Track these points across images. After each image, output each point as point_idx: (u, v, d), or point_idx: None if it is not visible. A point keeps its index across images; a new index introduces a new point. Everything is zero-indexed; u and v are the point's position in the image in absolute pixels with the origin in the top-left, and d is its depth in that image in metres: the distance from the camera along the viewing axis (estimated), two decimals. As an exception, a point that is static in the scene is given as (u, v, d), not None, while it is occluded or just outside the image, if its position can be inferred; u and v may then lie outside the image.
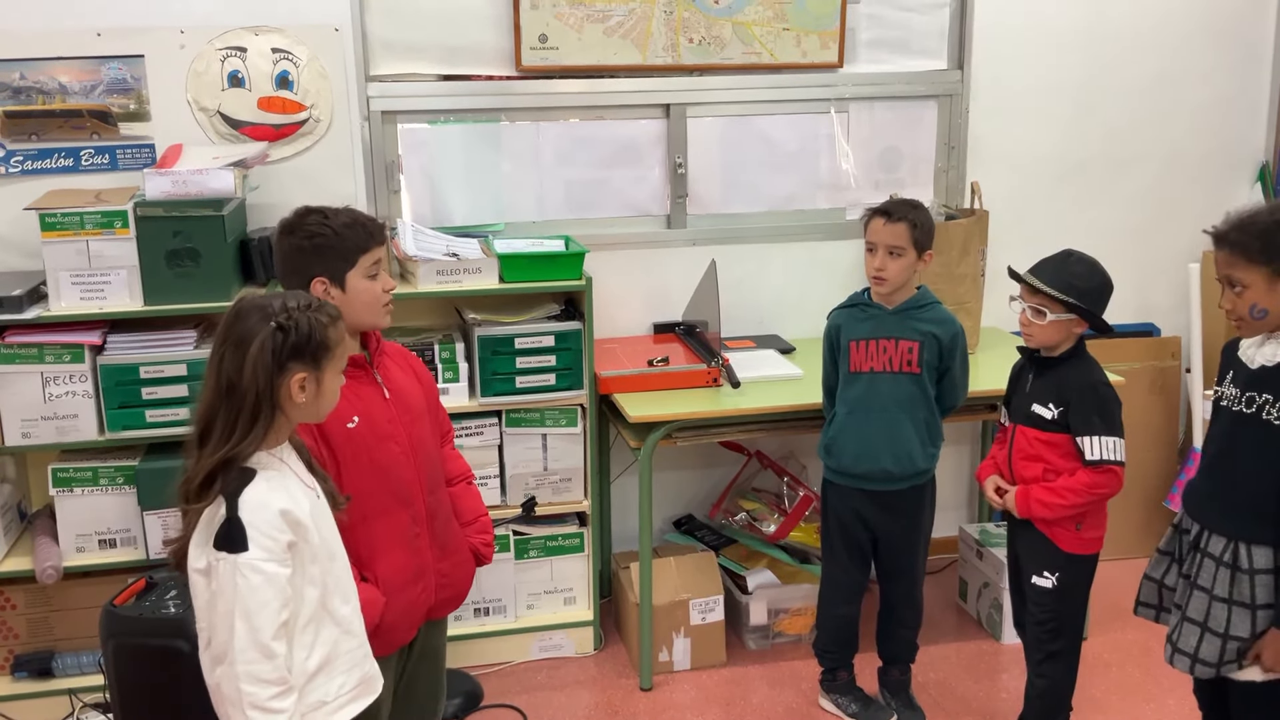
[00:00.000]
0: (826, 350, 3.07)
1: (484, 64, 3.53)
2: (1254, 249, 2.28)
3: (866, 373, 2.94)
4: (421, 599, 2.36)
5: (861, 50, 3.78)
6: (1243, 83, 4.08)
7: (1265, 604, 2.32)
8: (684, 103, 3.69)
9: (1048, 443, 2.76)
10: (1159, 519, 4.18)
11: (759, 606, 3.55)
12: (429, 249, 3.36)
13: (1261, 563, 2.32)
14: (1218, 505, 2.42)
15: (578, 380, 3.37)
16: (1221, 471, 2.43)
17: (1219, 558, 2.37)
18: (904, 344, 2.92)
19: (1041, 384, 2.79)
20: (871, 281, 2.92)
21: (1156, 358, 4.15)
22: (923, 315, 2.97)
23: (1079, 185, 4.03)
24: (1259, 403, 2.32)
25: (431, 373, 2.66)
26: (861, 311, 2.99)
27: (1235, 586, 2.34)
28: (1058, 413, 2.74)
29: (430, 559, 2.38)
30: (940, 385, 3.01)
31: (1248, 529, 2.34)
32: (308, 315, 1.88)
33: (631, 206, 3.77)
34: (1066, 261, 2.77)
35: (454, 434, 2.64)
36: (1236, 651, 2.36)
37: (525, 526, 3.48)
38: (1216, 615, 2.37)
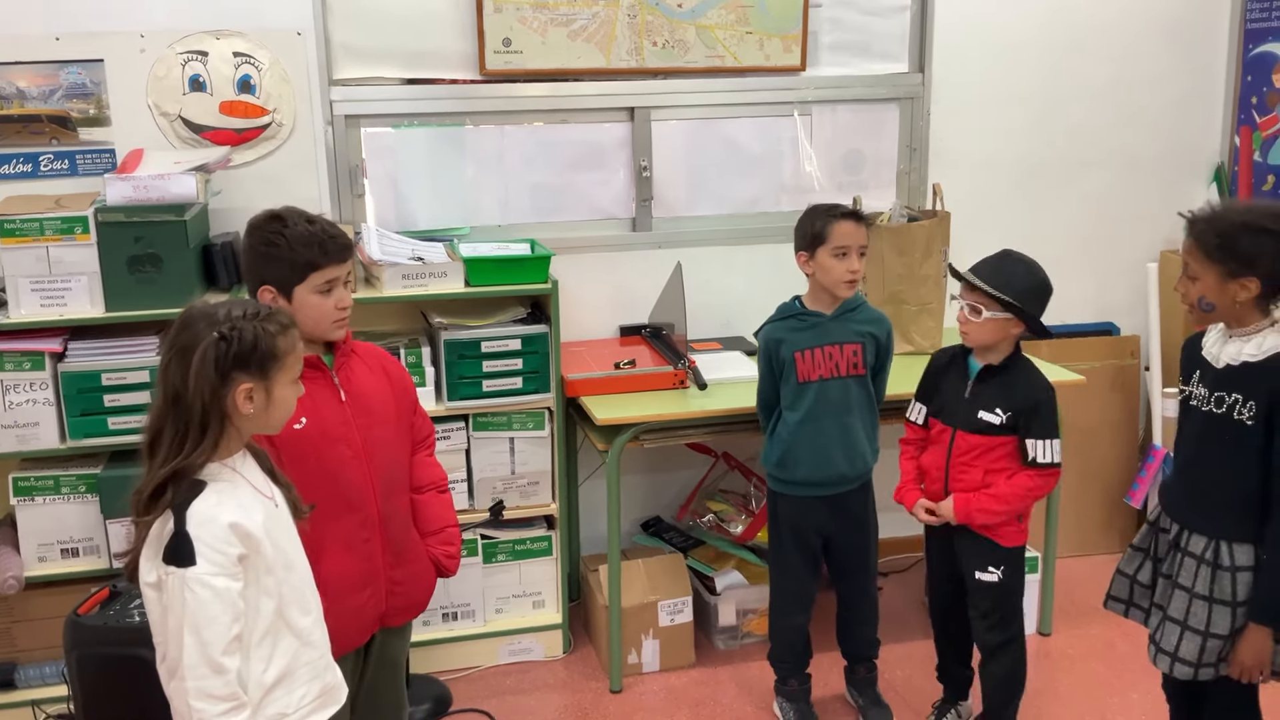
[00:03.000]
0: (765, 365, 3.02)
1: (448, 68, 3.53)
2: (1211, 246, 2.30)
3: (815, 381, 2.93)
4: (370, 605, 2.34)
5: (824, 53, 3.81)
6: (1198, 85, 4.15)
7: (1244, 601, 2.34)
8: (648, 106, 3.70)
9: (991, 447, 2.81)
10: (1120, 516, 4.25)
11: (727, 607, 3.57)
12: (394, 253, 3.35)
13: (1243, 560, 2.34)
14: (1197, 505, 2.43)
15: (544, 383, 3.37)
16: (1198, 471, 2.44)
17: (1200, 556, 2.38)
18: (849, 347, 2.94)
19: (987, 391, 2.82)
20: (844, 285, 2.89)
21: (1116, 356, 4.21)
22: (859, 317, 2.99)
23: (1039, 186, 4.08)
24: (1229, 402, 2.33)
25: (412, 376, 2.62)
26: (800, 321, 2.97)
27: (1216, 584, 2.36)
28: (1006, 418, 2.78)
29: (381, 565, 2.35)
30: (875, 383, 3.04)
31: (1228, 527, 2.35)
32: (254, 324, 1.85)
33: (596, 210, 3.77)
34: (1004, 261, 2.81)
35: (433, 440, 2.61)
36: (1216, 651, 2.37)
37: (493, 530, 3.48)
38: (1197, 613, 2.38)
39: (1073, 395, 3.57)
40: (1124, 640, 3.63)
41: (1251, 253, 2.24)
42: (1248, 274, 2.25)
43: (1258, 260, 2.24)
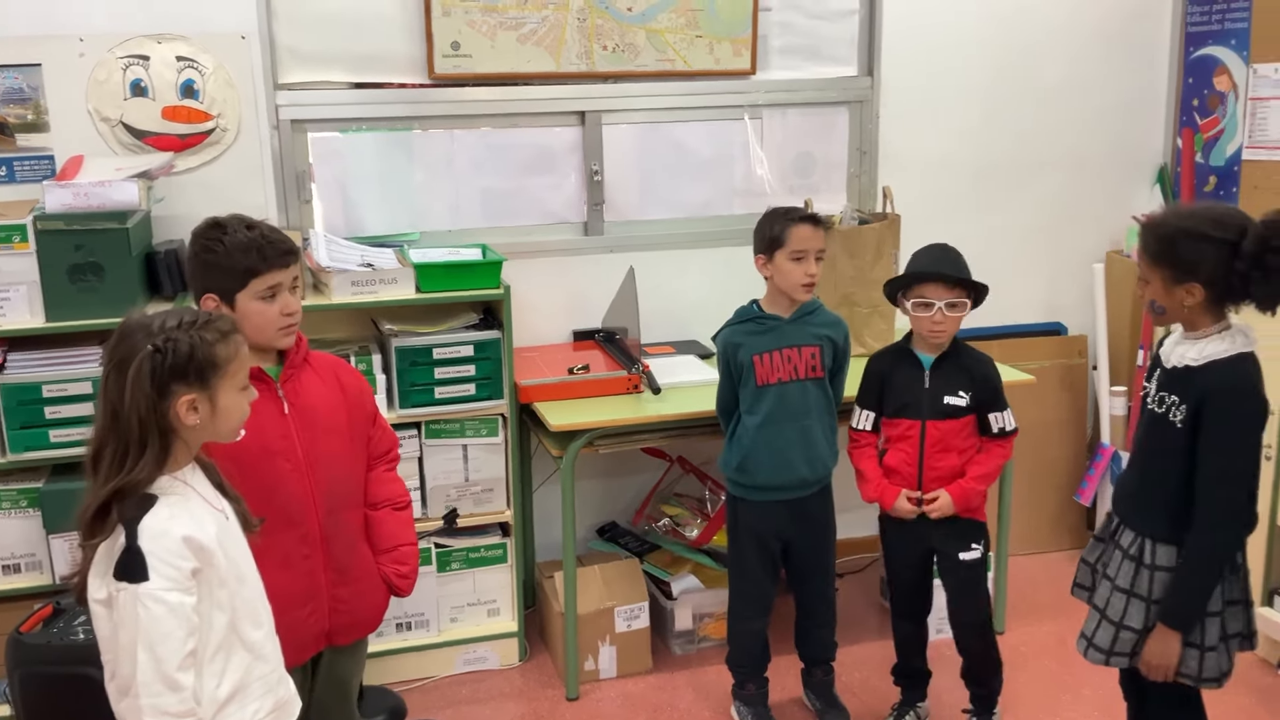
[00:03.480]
0: (724, 369, 3.01)
1: (396, 72, 3.49)
2: (1154, 251, 2.33)
3: (775, 384, 2.93)
4: (310, 623, 2.30)
5: (773, 57, 3.82)
6: (1141, 88, 4.21)
7: (1158, 600, 2.38)
8: (599, 110, 3.69)
9: (958, 430, 2.89)
10: (1070, 513, 4.30)
11: (684, 612, 3.56)
12: (343, 260, 3.31)
13: (1164, 560, 2.37)
14: (1132, 501, 2.48)
15: (498, 390, 3.35)
16: (1139, 469, 2.49)
17: (1126, 550, 2.44)
18: (806, 350, 2.95)
19: (944, 377, 2.89)
20: (802, 289, 2.90)
21: (1065, 356, 4.26)
22: (816, 320, 3.00)
23: (987, 188, 4.12)
24: (1168, 403, 2.36)
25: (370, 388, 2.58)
26: (758, 325, 2.98)
27: (1137, 580, 2.40)
28: (970, 397, 2.88)
29: (323, 583, 2.31)
30: (833, 385, 3.05)
31: (1155, 527, 2.39)
32: (190, 333, 1.81)
33: (548, 214, 3.75)
34: (949, 252, 2.87)
35: (396, 455, 2.56)
36: (1129, 643, 2.42)
37: (447, 539, 3.44)
38: (1115, 604, 2.43)
39: (1022, 395, 3.59)
40: (1074, 638, 3.66)
41: (1192, 259, 2.26)
42: (1190, 279, 2.27)
43: (1198, 266, 2.25)
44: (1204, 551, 2.33)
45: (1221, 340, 2.30)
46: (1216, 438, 2.28)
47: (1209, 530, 2.31)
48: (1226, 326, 2.32)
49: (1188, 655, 2.38)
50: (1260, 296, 2.22)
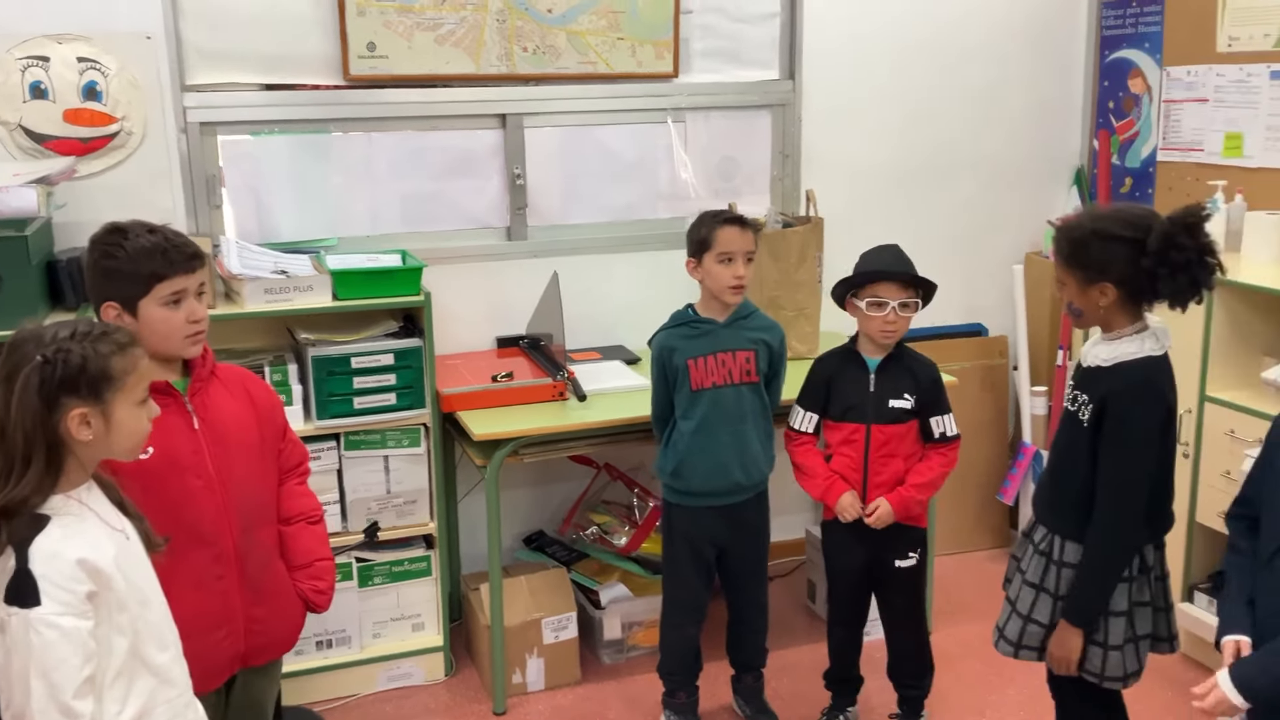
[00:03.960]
0: (658, 374, 2.98)
1: (310, 73, 3.40)
2: (1066, 254, 2.35)
3: (709, 388, 2.91)
4: (225, 645, 2.22)
5: (696, 60, 3.79)
6: (1057, 92, 4.27)
7: (1065, 595, 2.42)
8: (520, 112, 3.63)
9: (903, 434, 2.88)
10: (992, 512, 4.34)
11: (612, 621, 3.52)
12: (255, 266, 3.21)
13: (1071, 557, 2.41)
14: (1047, 498, 2.52)
15: (419, 399, 3.27)
16: (1053, 467, 2.53)
17: (1038, 546, 2.48)
18: (741, 354, 2.93)
19: (890, 380, 2.88)
20: (730, 291, 2.88)
21: (986, 356, 4.30)
22: (751, 324, 2.98)
23: (909, 192, 4.14)
24: (1079, 402, 2.39)
25: (282, 400, 2.49)
26: (692, 329, 2.95)
27: (1045, 575, 2.44)
28: (914, 400, 2.87)
29: (238, 604, 2.23)
30: (769, 390, 3.03)
31: (1064, 523, 2.43)
32: (84, 345, 1.73)
33: (470, 219, 3.68)
34: (899, 252, 2.88)
35: (307, 468, 2.49)
36: (1037, 637, 2.45)
37: (368, 553, 3.36)
38: (1024, 598, 2.48)
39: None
40: (1000, 635, 3.70)
41: (1103, 259, 2.28)
42: (1102, 280, 2.29)
43: (1109, 266, 2.28)
44: (1101, 549, 2.37)
45: (1133, 342, 2.33)
46: (1115, 438, 2.31)
47: (1105, 529, 2.35)
48: (1143, 327, 2.35)
49: (1091, 653, 2.42)
50: (1168, 293, 2.25)
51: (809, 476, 2.97)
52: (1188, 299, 2.26)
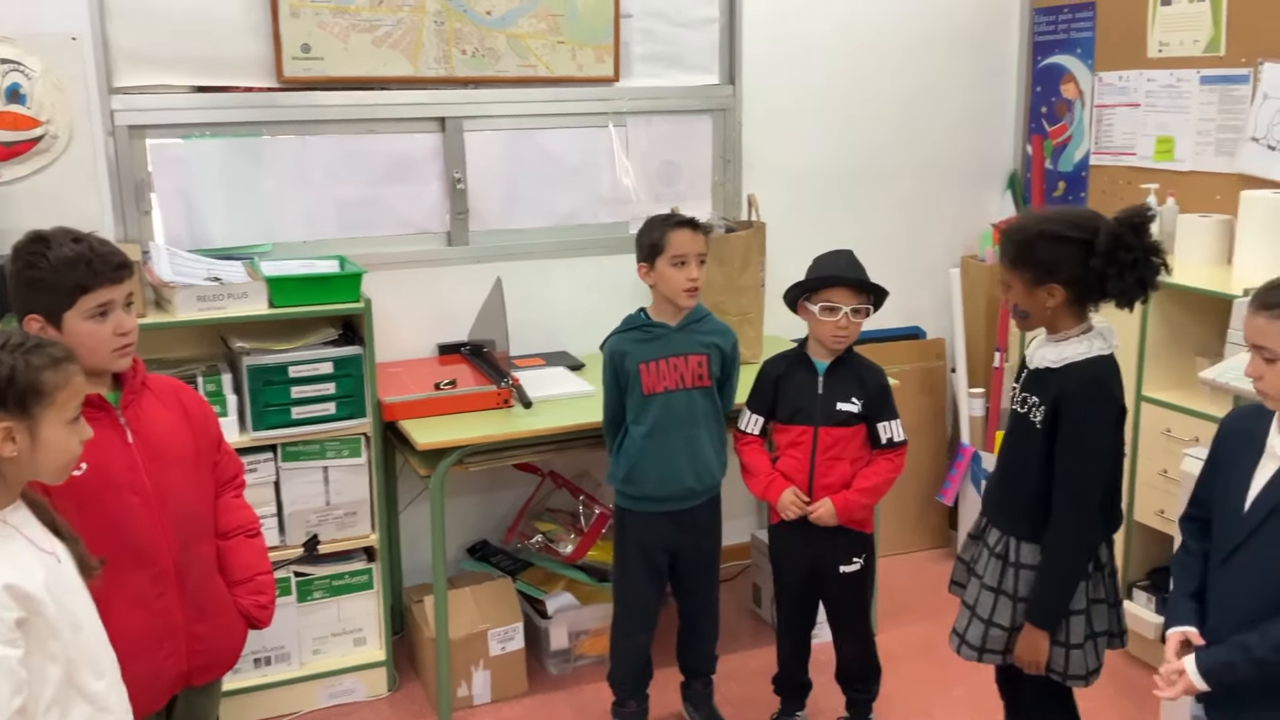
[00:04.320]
0: (610, 379, 2.95)
1: (243, 75, 3.31)
2: (1012, 256, 2.37)
3: (661, 393, 2.89)
4: (167, 665, 2.15)
5: (636, 64, 3.77)
6: (991, 97, 4.32)
7: (1024, 597, 2.42)
8: (460, 116, 3.58)
9: (850, 438, 2.88)
10: (932, 513, 4.37)
11: (559, 630, 3.47)
12: (187, 274, 3.11)
13: (1027, 559, 2.42)
14: (997, 501, 2.53)
15: (360, 408, 3.20)
16: (1004, 469, 2.54)
17: (993, 549, 2.48)
18: (693, 359, 2.91)
19: (840, 383, 2.88)
20: (685, 294, 2.86)
21: (924, 359, 4.34)
22: (703, 328, 2.97)
23: (848, 196, 4.16)
24: (1029, 404, 2.41)
25: (213, 406, 2.41)
26: (644, 333, 2.93)
27: (1004, 578, 2.45)
28: (862, 405, 2.87)
29: (180, 622, 2.15)
30: (721, 394, 3.02)
31: (1018, 525, 2.44)
32: (14, 356, 1.66)
33: (409, 224, 3.61)
34: (852, 257, 2.87)
35: (243, 480, 2.41)
36: (1000, 640, 2.46)
37: (307, 566, 3.27)
38: (984, 602, 2.48)
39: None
40: (944, 637, 3.71)
41: (1050, 260, 2.30)
42: (1050, 281, 2.31)
43: (1057, 267, 2.30)
44: (1060, 550, 2.38)
45: (1080, 342, 2.35)
46: (1070, 438, 2.33)
47: (1064, 529, 2.37)
48: (1088, 328, 2.37)
49: (1055, 653, 2.42)
50: (1117, 292, 2.28)
51: (752, 475, 2.97)
52: (1135, 298, 2.30)
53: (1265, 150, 3.39)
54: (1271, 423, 1.97)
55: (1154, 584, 3.47)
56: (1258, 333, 1.91)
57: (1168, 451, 3.32)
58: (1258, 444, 1.98)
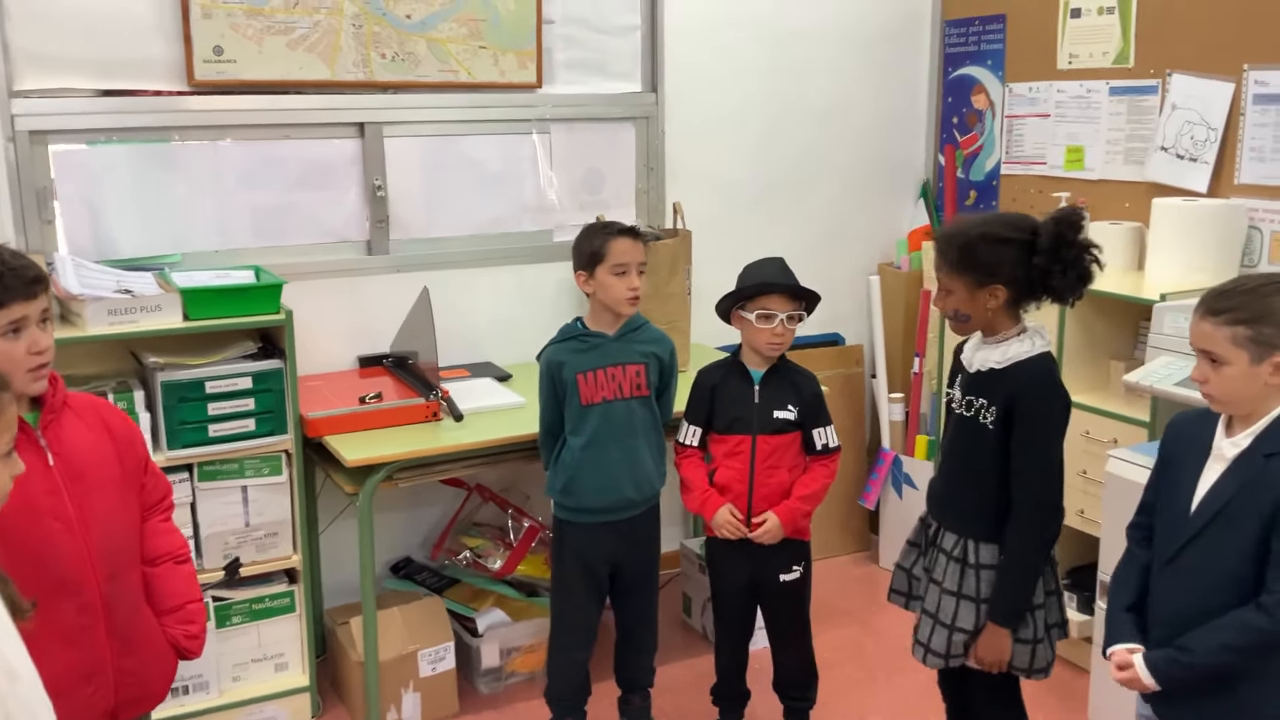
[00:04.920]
0: (547, 389, 2.89)
1: (151, 78, 3.16)
2: (955, 259, 2.40)
3: (599, 403, 2.84)
4: (94, 702, 2.02)
5: (559, 71, 3.72)
6: (903, 107, 4.39)
7: (987, 598, 2.44)
8: (380, 121, 3.48)
9: (788, 445, 2.87)
10: (855, 517, 4.41)
11: (490, 648, 3.39)
12: (96, 286, 2.95)
13: (987, 559, 2.44)
14: (950, 504, 2.54)
15: (281, 424, 3.08)
16: (952, 472, 2.55)
17: (950, 553, 2.49)
18: (631, 368, 2.87)
19: (775, 391, 2.87)
20: (627, 303, 2.83)
21: (844, 365, 4.37)
22: (641, 337, 2.94)
23: (770, 204, 4.17)
24: (976, 406, 2.44)
25: (139, 429, 2.28)
26: (581, 343, 2.89)
27: (964, 581, 2.46)
28: (798, 412, 2.86)
29: (107, 656, 2.03)
30: (660, 403, 2.99)
31: (975, 527, 2.46)
32: None
33: (327, 232, 3.50)
34: (783, 263, 2.86)
35: (170, 503, 2.29)
36: (963, 644, 2.47)
37: (226, 590, 3.13)
38: (945, 608, 2.48)
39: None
40: (873, 641, 3.76)
41: (993, 261, 2.35)
42: (992, 282, 2.36)
43: (999, 268, 2.35)
44: (1025, 546, 2.41)
45: (1022, 341, 2.40)
46: (1029, 435, 2.37)
47: (1027, 525, 2.40)
48: (1024, 328, 2.42)
49: (1019, 650, 2.45)
50: (1060, 289, 2.34)
51: (689, 491, 2.94)
52: (1076, 293, 2.36)
53: (1174, 159, 3.51)
54: (1217, 426, 2.02)
55: (1075, 583, 3.55)
56: (1204, 338, 1.95)
57: (1087, 453, 3.40)
58: (1204, 447, 2.03)
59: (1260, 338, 1.89)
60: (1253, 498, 1.92)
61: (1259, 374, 1.91)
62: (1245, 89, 3.31)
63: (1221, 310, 1.93)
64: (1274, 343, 1.89)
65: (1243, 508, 1.93)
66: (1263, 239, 3.29)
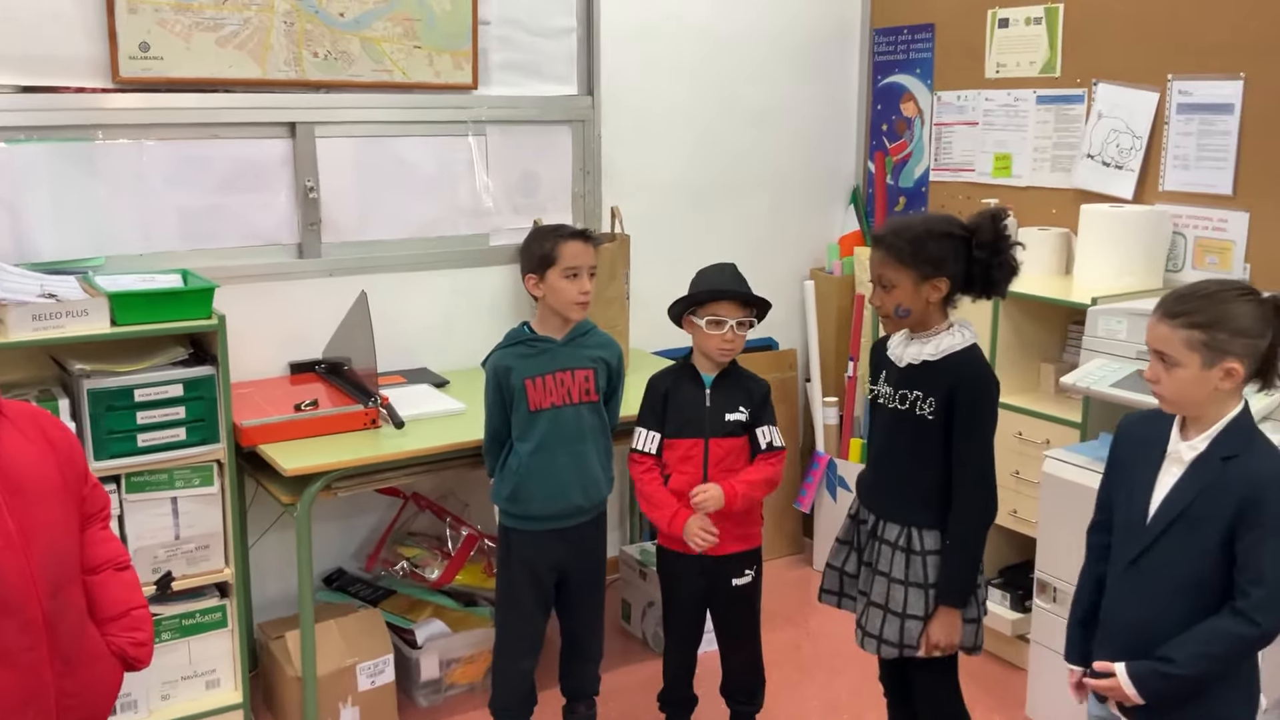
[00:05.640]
0: (494, 394, 2.84)
1: (74, 75, 3.04)
2: (904, 254, 2.47)
3: (548, 409, 2.80)
4: None
5: (495, 72, 3.67)
6: (833, 114, 4.44)
7: (935, 583, 2.51)
8: (311, 121, 3.39)
9: (740, 448, 2.87)
10: (789, 520, 4.44)
11: (430, 660, 3.33)
12: (18, 290, 2.81)
13: (931, 545, 2.51)
14: (889, 495, 2.59)
15: (213, 433, 2.97)
16: (889, 464, 2.61)
17: (894, 543, 2.54)
18: (580, 373, 2.84)
19: (726, 394, 2.87)
20: (576, 307, 2.79)
21: (778, 369, 4.40)
22: (589, 341, 2.91)
23: (705, 209, 4.18)
24: (911, 399, 2.51)
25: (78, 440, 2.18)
26: (529, 347, 2.84)
27: (910, 568, 2.52)
28: (749, 413, 2.86)
29: (49, 677, 1.93)
30: (608, 408, 2.97)
31: (917, 515, 2.52)
32: None
33: (257, 235, 3.39)
34: (735, 270, 2.87)
35: (108, 513, 2.20)
36: (915, 631, 2.52)
37: (155, 606, 3.01)
38: (895, 597, 2.53)
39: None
40: (810, 642, 3.78)
41: (939, 255, 2.45)
42: (938, 275, 2.45)
43: (944, 262, 2.45)
44: (969, 528, 2.50)
45: (954, 335, 2.51)
46: (969, 422, 2.47)
47: (970, 507, 2.49)
48: (952, 323, 2.52)
49: (965, 630, 2.54)
50: (998, 280, 2.47)
51: (655, 507, 2.87)
52: (1007, 285, 2.49)
53: (1100, 167, 3.60)
54: (1171, 427, 2.06)
55: (1007, 582, 3.62)
56: (1160, 339, 2.00)
57: (1019, 454, 3.46)
58: (1157, 449, 2.07)
59: (1214, 343, 1.94)
60: (1213, 501, 1.96)
61: (1210, 378, 1.96)
62: (1169, 98, 3.41)
63: (1179, 313, 1.97)
64: (1227, 349, 1.94)
65: (1203, 511, 1.97)
66: (1186, 244, 3.40)
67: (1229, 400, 1.99)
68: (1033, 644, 3.25)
